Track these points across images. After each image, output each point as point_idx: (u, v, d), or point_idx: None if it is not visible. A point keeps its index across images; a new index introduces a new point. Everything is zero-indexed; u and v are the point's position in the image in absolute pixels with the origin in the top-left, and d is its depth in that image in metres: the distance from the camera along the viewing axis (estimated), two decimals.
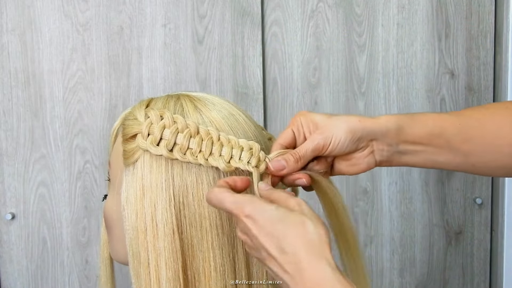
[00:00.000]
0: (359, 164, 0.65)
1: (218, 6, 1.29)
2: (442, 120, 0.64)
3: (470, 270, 1.43)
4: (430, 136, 0.63)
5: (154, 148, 0.59)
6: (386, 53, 1.36)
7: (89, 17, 1.27)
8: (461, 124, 0.64)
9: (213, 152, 0.59)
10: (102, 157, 1.30)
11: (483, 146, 0.64)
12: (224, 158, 0.59)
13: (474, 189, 1.41)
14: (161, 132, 0.59)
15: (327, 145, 0.62)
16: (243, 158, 0.59)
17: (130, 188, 0.60)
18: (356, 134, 0.62)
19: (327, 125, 0.62)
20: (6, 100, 1.27)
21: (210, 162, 0.59)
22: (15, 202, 1.29)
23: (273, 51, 1.33)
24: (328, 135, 0.62)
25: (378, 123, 0.63)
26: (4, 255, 1.30)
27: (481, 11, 1.36)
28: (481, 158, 0.64)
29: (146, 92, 1.30)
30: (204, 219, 0.59)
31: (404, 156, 0.65)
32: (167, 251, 0.58)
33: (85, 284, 1.33)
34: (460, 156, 0.64)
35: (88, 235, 1.32)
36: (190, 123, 0.60)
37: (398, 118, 0.64)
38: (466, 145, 0.64)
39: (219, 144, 0.60)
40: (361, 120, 0.63)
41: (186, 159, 0.59)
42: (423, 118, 0.65)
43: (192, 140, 0.59)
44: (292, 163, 0.61)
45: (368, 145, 0.64)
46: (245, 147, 0.60)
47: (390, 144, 0.64)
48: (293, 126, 0.64)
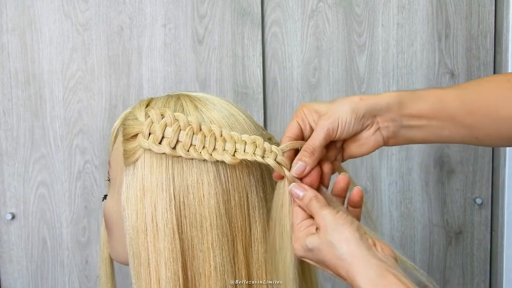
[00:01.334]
0: (368, 143, 0.65)
1: (218, 6, 1.29)
2: (443, 94, 0.65)
3: (470, 270, 1.43)
4: (433, 110, 0.64)
5: (156, 147, 0.59)
6: (386, 53, 1.36)
7: (89, 17, 1.27)
8: (463, 98, 0.64)
9: (217, 148, 0.59)
10: (102, 157, 1.30)
11: (486, 118, 0.64)
12: (228, 152, 0.59)
13: (474, 189, 1.41)
14: (162, 131, 0.59)
15: (336, 129, 0.62)
16: (248, 151, 0.60)
17: (130, 188, 0.60)
18: (360, 112, 0.63)
19: (330, 110, 0.63)
20: (6, 100, 1.27)
21: (215, 156, 0.59)
22: (15, 202, 1.29)
23: (273, 51, 1.33)
24: (334, 119, 0.62)
25: (379, 98, 0.64)
26: (4, 255, 1.30)
27: (481, 11, 1.36)
28: (485, 130, 0.65)
29: (146, 92, 1.30)
30: (204, 219, 0.59)
31: (409, 131, 0.65)
32: (167, 251, 0.58)
33: (85, 284, 1.33)
34: (464, 129, 0.65)
35: (88, 235, 1.32)
36: (192, 120, 0.60)
37: (399, 93, 0.65)
38: (470, 118, 0.64)
39: (222, 139, 0.60)
40: (362, 98, 0.63)
41: (190, 155, 0.59)
42: (424, 93, 0.65)
43: (195, 137, 0.59)
44: (308, 158, 0.61)
45: (373, 122, 0.64)
46: (248, 141, 0.60)
47: (394, 120, 0.64)
48: (297, 118, 0.65)
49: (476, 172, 1.40)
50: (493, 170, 1.40)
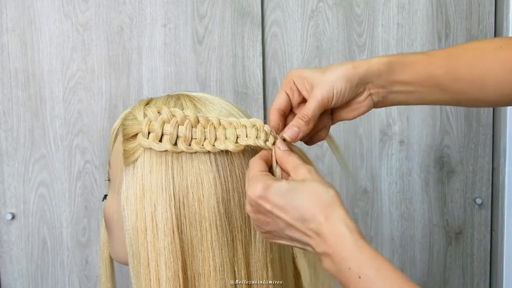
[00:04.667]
0: (359, 108, 0.67)
1: (218, 6, 1.29)
2: (430, 63, 0.66)
3: (470, 270, 1.43)
4: (419, 79, 0.66)
5: (157, 145, 0.59)
6: (386, 53, 1.36)
7: (89, 17, 1.27)
8: (449, 66, 0.66)
9: (218, 137, 0.59)
10: (102, 157, 1.30)
11: (470, 85, 0.66)
12: (231, 140, 0.59)
13: (474, 189, 1.41)
14: (161, 128, 0.59)
15: (331, 98, 0.63)
16: (250, 135, 0.60)
17: (130, 188, 0.60)
18: (354, 81, 0.64)
19: (324, 79, 0.63)
20: (6, 100, 1.27)
21: (218, 146, 0.59)
22: (15, 202, 1.29)
23: (273, 51, 1.33)
24: (329, 89, 0.63)
25: (371, 65, 0.65)
26: (4, 255, 1.30)
27: (481, 11, 1.36)
28: (467, 95, 0.67)
29: (146, 92, 1.30)
30: (204, 219, 0.59)
31: (397, 96, 0.67)
32: (167, 251, 0.58)
33: (85, 284, 1.33)
34: (448, 94, 0.67)
35: (88, 235, 1.32)
36: (188, 113, 0.60)
37: (389, 60, 0.66)
38: (454, 85, 0.66)
39: (222, 128, 0.60)
40: (355, 66, 0.64)
41: (192, 149, 0.59)
42: (413, 59, 0.66)
43: (194, 130, 0.59)
44: (303, 127, 0.62)
45: (365, 89, 0.65)
46: (247, 125, 0.60)
47: (383, 86, 0.66)
48: (286, 88, 0.65)
49: (476, 172, 1.40)
50: (493, 170, 1.40)
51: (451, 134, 1.39)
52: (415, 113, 1.37)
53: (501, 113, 1.36)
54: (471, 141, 1.40)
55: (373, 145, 1.38)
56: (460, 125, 1.39)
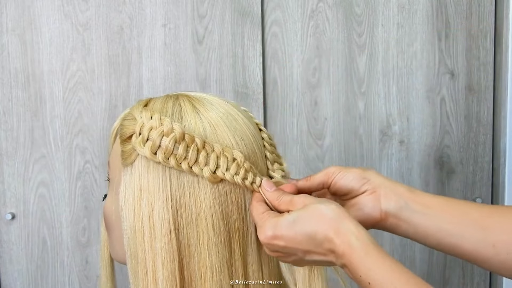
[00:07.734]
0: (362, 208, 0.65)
1: (218, 6, 1.29)
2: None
3: (470, 270, 1.43)
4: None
5: (141, 149, 0.59)
6: (386, 53, 1.35)
7: (89, 17, 1.27)
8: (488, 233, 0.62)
9: (199, 161, 0.59)
10: (102, 157, 1.30)
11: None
12: (210, 167, 0.59)
13: (474, 189, 1.41)
14: (148, 133, 0.59)
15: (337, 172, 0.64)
16: (230, 170, 0.59)
17: (128, 188, 0.60)
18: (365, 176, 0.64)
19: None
20: (6, 100, 1.27)
21: (194, 170, 0.59)
22: (15, 202, 1.29)
23: (273, 51, 1.33)
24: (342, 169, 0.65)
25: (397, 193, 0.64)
26: (4, 255, 1.31)
27: (481, 11, 1.36)
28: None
29: (146, 92, 1.30)
30: (200, 219, 0.59)
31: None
32: (164, 251, 0.58)
33: (85, 284, 1.33)
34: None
35: (88, 235, 1.32)
36: (175, 127, 0.59)
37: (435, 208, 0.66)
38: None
39: (204, 151, 0.59)
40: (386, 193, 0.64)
41: (169, 164, 0.58)
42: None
43: (177, 145, 0.59)
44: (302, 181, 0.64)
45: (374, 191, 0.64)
46: (229, 156, 0.60)
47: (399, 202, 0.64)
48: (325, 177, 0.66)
49: (476, 172, 1.40)
50: (493, 170, 1.40)
51: (451, 134, 1.39)
52: (415, 113, 1.37)
53: (501, 113, 1.36)
54: (471, 141, 1.39)
55: (373, 145, 1.38)
56: (460, 125, 1.39)
